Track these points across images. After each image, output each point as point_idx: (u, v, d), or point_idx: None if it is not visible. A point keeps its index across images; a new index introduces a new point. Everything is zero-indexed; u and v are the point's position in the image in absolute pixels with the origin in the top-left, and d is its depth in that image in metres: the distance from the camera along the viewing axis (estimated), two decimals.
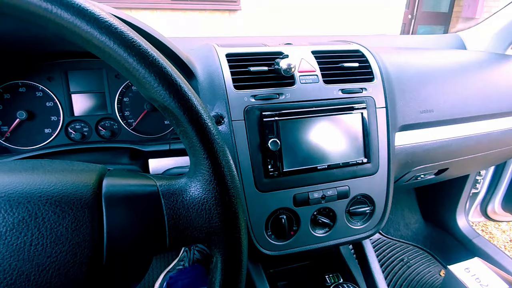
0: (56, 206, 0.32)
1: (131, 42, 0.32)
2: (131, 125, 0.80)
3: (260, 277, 0.81)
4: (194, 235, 0.37)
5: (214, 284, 0.38)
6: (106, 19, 0.31)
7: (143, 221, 0.35)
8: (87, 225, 0.32)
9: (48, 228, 0.31)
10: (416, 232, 1.70)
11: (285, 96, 0.69)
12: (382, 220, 0.79)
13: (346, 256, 0.91)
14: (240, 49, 0.74)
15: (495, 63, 1.03)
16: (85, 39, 0.31)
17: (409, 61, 0.89)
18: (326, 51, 0.78)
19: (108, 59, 0.33)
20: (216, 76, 0.68)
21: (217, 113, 0.67)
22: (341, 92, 0.73)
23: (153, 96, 0.34)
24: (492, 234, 2.05)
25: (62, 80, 0.76)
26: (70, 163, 0.38)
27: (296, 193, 0.70)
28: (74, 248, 0.32)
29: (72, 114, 0.77)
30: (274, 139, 0.66)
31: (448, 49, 1.20)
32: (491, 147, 1.03)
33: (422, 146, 0.85)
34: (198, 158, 0.36)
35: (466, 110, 0.91)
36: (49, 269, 0.30)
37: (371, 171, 0.75)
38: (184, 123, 0.35)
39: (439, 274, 1.44)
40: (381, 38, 1.27)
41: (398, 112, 0.80)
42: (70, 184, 0.34)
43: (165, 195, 0.37)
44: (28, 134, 0.76)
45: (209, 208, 0.37)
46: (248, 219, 0.68)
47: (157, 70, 0.33)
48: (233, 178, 0.37)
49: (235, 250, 0.38)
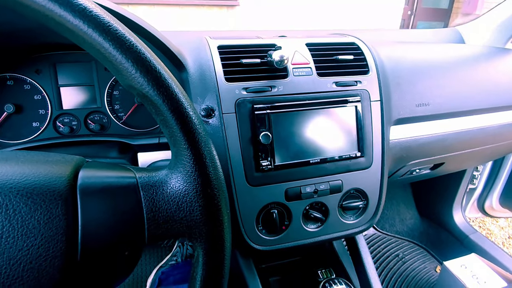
0: (28, 198, 0.31)
1: (106, 26, 0.31)
2: (121, 119, 0.79)
3: (251, 272, 0.80)
4: (175, 229, 0.36)
5: (195, 279, 0.37)
6: (80, 2, 0.30)
7: (120, 214, 0.34)
8: (60, 218, 0.31)
9: (19, 220, 0.30)
10: (412, 227, 1.69)
11: (277, 88, 0.68)
12: (375, 215, 0.78)
13: (339, 251, 0.90)
14: (232, 41, 0.72)
15: (494, 57, 1.02)
16: (58, 22, 0.30)
17: (405, 55, 0.87)
18: (320, 43, 0.77)
19: (82, 44, 0.31)
20: (207, 68, 0.67)
21: (207, 106, 0.65)
22: (335, 85, 0.72)
23: (131, 83, 0.33)
24: (490, 230, 2.03)
25: (51, 73, 0.74)
26: (46, 154, 0.37)
27: (288, 187, 0.69)
28: (46, 242, 0.30)
29: (60, 107, 0.76)
30: (266, 132, 0.65)
31: (446, 43, 1.19)
32: (488, 141, 1.02)
33: (417, 140, 0.84)
34: (179, 148, 0.35)
35: (463, 104, 0.89)
36: (21, 262, 0.29)
37: (364, 165, 0.74)
38: (164, 112, 0.34)
39: (435, 270, 1.44)
40: (379, 32, 1.26)
41: (393, 105, 0.79)
42: (44, 175, 0.32)
43: (144, 187, 0.35)
44: (15, 127, 0.74)
45: (190, 201, 0.35)
46: (238, 214, 0.67)
47: (134, 56, 0.32)
48: (216, 169, 0.36)
49: (217, 243, 0.37)
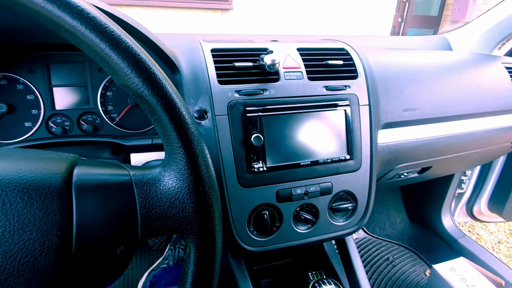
0: (24, 193, 0.31)
1: (103, 28, 0.32)
2: (114, 120, 0.79)
3: (242, 274, 0.80)
4: (167, 225, 0.37)
5: (187, 274, 0.38)
6: (78, 4, 0.31)
7: (114, 210, 0.35)
8: (55, 213, 0.32)
9: (15, 215, 0.30)
10: (401, 231, 1.71)
11: (269, 91, 0.69)
12: (364, 217, 0.80)
13: (329, 253, 0.91)
14: (226, 44, 0.74)
15: (480, 63, 1.05)
16: (56, 23, 0.31)
17: (393, 60, 0.90)
18: (311, 48, 0.78)
19: (79, 45, 0.32)
20: (200, 71, 0.68)
21: (200, 108, 0.66)
22: (325, 89, 0.74)
23: (127, 83, 0.34)
24: (479, 235, 2.04)
25: (44, 73, 0.75)
26: (42, 151, 0.38)
27: (279, 189, 0.70)
28: (42, 236, 0.31)
29: (53, 107, 0.76)
30: (258, 134, 0.66)
31: (433, 50, 1.22)
32: (475, 146, 1.04)
33: (405, 144, 0.86)
34: (172, 147, 0.36)
35: (450, 109, 0.92)
36: (17, 256, 0.30)
37: (353, 167, 0.76)
38: (158, 111, 0.35)
39: (424, 273, 1.46)
40: (369, 38, 1.28)
41: (381, 110, 0.81)
42: (40, 171, 0.33)
43: (138, 184, 0.36)
44: (7, 127, 0.74)
45: (182, 198, 0.36)
46: (230, 215, 0.68)
47: (130, 57, 0.33)
48: (208, 167, 0.37)
49: (208, 240, 0.38)
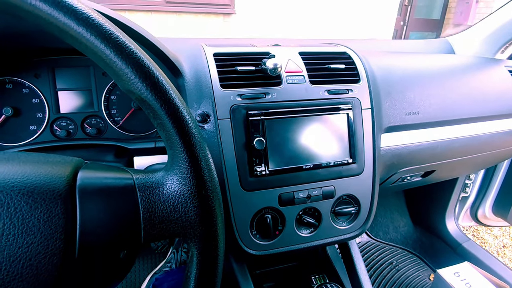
0: (29, 197, 0.32)
1: (108, 34, 0.32)
2: (117, 123, 0.80)
3: (245, 278, 0.80)
4: (170, 229, 0.37)
5: (190, 278, 0.38)
6: (84, 11, 0.31)
7: (118, 214, 0.35)
8: (59, 217, 0.32)
9: (20, 218, 0.31)
10: (405, 235, 1.70)
11: (271, 95, 0.70)
12: (367, 221, 0.80)
13: (332, 257, 0.91)
14: (228, 48, 0.74)
15: (483, 67, 1.04)
16: (62, 30, 0.31)
17: (395, 64, 0.90)
18: (313, 52, 0.79)
19: (85, 50, 0.33)
20: (203, 75, 0.69)
21: (203, 111, 0.67)
22: (327, 93, 0.74)
23: (130, 88, 0.34)
24: (483, 239, 2.03)
25: (49, 77, 0.75)
26: (47, 155, 0.38)
27: (282, 192, 0.70)
28: (46, 239, 0.31)
29: (58, 111, 0.77)
30: (260, 138, 0.67)
31: (436, 53, 1.22)
32: (479, 150, 1.04)
33: (408, 147, 0.86)
34: (175, 151, 0.36)
35: (453, 113, 0.91)
36: (20, 259, 0.30)
37: (356, 171, 0.76)
38: (162, 116, 0.35)
39: (428, 278, 1.45)
40: (371, 42, 1.29)
41: (383, 113, 0.81)
42: (44, 175, 0.34)
43: (141, 188, 0.37)
44: (13, 130, 0.75)
45: (185, 202, 0.37)
46: (233, 218, 0.68)
47: (134, 62, 0.33)
48: (211, 171, 0.37)
49: (211, 243, 0.38)
